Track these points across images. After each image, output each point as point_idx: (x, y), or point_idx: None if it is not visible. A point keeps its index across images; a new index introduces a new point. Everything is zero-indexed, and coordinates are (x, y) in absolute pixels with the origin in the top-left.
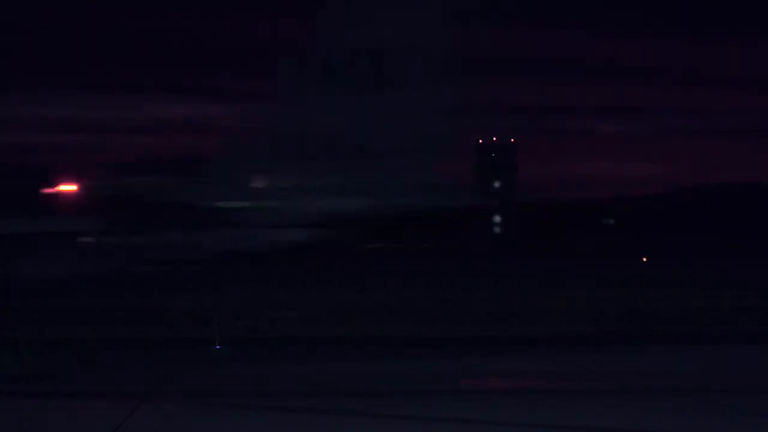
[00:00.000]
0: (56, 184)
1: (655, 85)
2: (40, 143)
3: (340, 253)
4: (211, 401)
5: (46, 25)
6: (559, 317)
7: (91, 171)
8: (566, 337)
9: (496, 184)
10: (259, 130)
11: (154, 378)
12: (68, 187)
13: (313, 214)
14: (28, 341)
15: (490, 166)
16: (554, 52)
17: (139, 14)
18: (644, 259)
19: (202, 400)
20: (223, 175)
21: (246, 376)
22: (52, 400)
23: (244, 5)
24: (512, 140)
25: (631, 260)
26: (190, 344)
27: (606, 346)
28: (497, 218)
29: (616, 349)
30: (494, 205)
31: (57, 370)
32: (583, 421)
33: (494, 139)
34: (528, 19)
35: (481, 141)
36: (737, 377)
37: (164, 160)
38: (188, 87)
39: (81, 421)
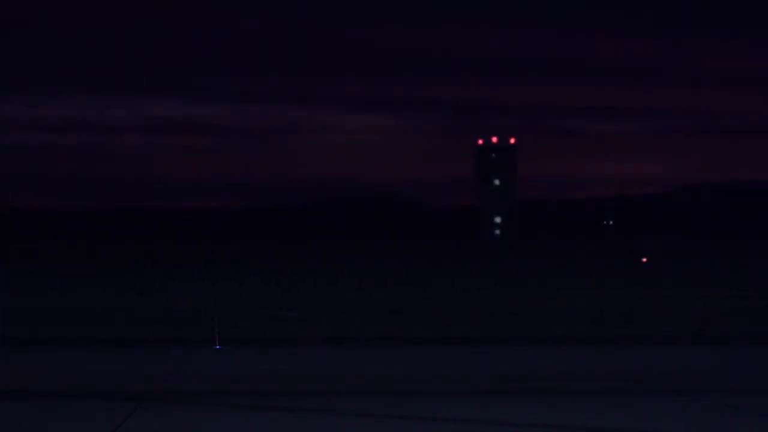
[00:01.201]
0: None
1: (655, 85)
2: (41, 143)
3: None
4: (211, 401)
5: (46, 26)
6: (559, 317)
7: None
8: (566, 337)
9: (496, 184)
10: None
11: (155, 378)
12: None
13: None
14: (25, 340)
15: (490, 166)
16: (554, 52)
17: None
18: (644, 260)
19: (202, 400)
20: None
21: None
22: (51, 400)
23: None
24: (512, 140)
25: (631, 260)
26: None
27: (606, 346)
28: (497, 218)
29: (616, 349)
30: (493, 206)
31: (56, 369)
32: (583, 421)
33: (494, 139)
34: (528, 20)
35: (481, 141)
36: (737, 377)
37: None
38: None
39: (81, 421)
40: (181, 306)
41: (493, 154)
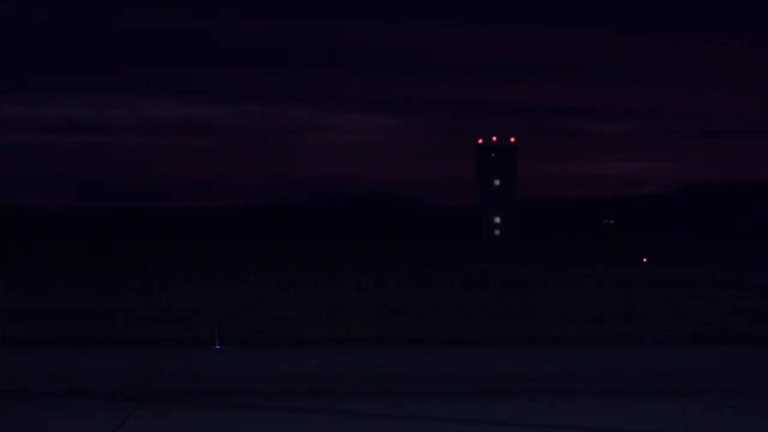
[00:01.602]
0: None
1: (655, 85)
2: (40, 143)
3: None
4: (211, 401)
5: (46, 26)
6: (559, 317)
7: None
8: (566, 337)
9: (496, 184)
10: None
11: (155, 378)
12: None
13: None
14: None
15: (490, 166)
16: (554, 52)
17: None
18: (644, 260)
19: (202, 400)
20: None
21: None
22: (51, 400)
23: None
24: (512, 140)
25: (631, 260)
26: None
27: (606, 346)
28: (497, 218)
29: (616, 349)
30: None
31: (56, 369)
32: (583, 421)
33: (494, 139)
34: (528, 20)
35: (481, 141)
36: (737, 377)
37: None
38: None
39: (81, 421)
40: (181, 306)
41: (493, 154)
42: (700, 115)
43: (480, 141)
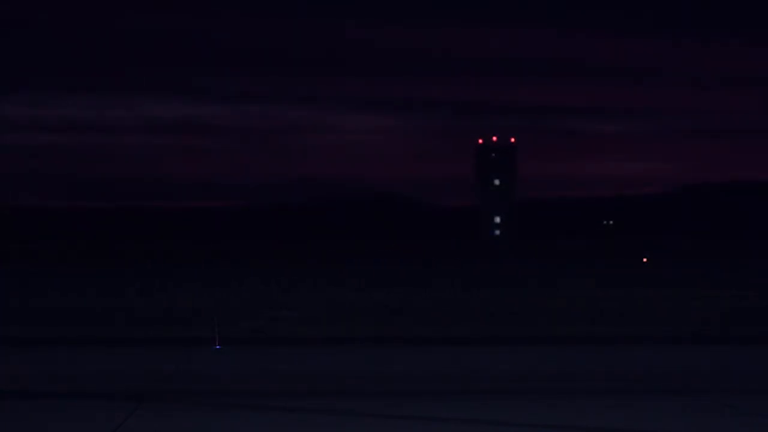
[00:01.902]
0: None
1: (655, 85)
2: (41, 143)
3: None
4: (211, 401)
5: (46, 26)
6: (559, 317)
7: None
8: (566, 337)
9: (496, 184)
10: None
11: (155, 378)
12: None
13: None
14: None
15: (490, 166)
16: (554, 52)
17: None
18: (644, 260)
19: (202, 400)
20: None
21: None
22: (51, 400)
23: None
24: (512, 140)
25: (631, 260)
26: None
27: (606, 346)
28: (497, 218)
29: (616, 349)
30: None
31: (56, 369)
32: (583, 421)
33: (494, 139)
34: (528, 20)
35: (481, 141)
36: (737, 377)
37: None
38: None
39: (81, 421)
40: (181, 306)
41: (493, 154)
42: (700, 115)
43: (480, 141)
